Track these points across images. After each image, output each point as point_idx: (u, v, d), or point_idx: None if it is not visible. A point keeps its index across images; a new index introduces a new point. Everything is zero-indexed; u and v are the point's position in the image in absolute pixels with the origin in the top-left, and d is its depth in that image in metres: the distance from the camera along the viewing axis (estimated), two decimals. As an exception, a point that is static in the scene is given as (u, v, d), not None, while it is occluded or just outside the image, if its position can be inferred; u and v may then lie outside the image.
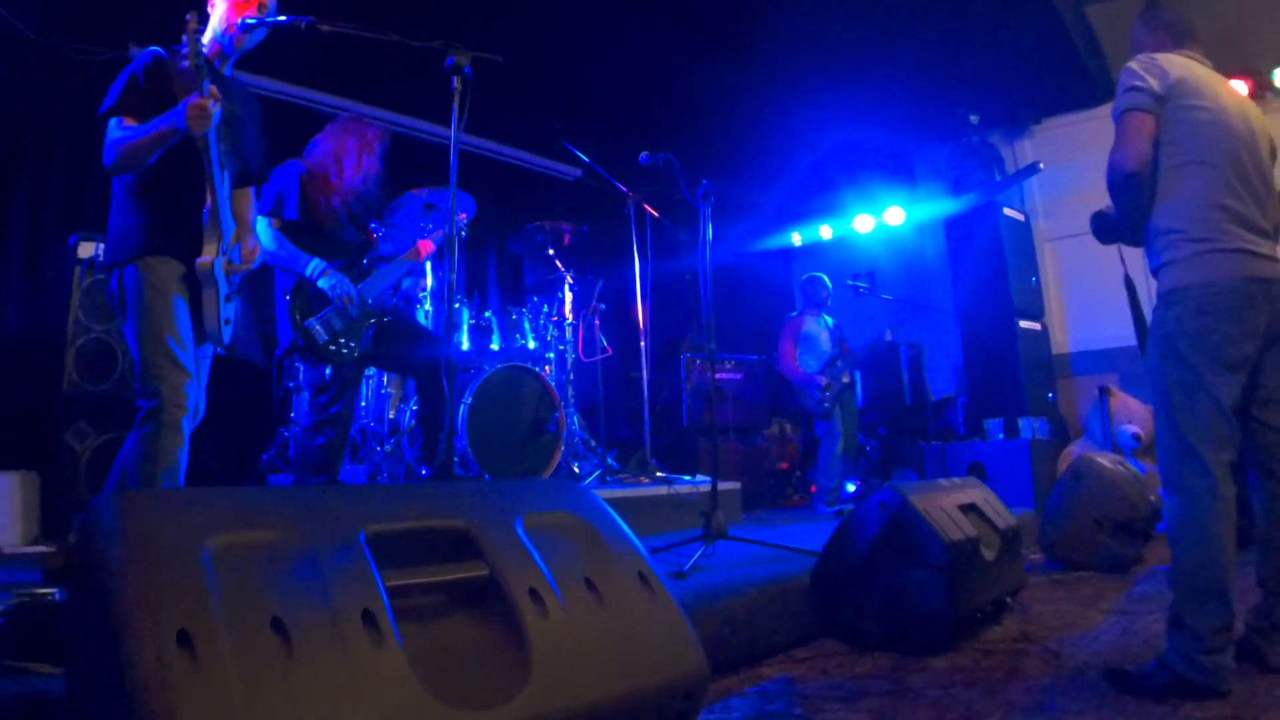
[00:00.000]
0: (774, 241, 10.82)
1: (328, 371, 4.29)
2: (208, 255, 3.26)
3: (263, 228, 4.16)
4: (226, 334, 3.46)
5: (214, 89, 3.07)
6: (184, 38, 3.06)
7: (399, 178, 5.19)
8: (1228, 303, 2.84)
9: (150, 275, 3.20)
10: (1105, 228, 3.36)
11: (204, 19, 3.41)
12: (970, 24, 7.06)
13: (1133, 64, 3.07)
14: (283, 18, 3.40)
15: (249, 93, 3.71)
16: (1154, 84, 2.98)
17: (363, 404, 5.66)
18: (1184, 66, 3.05)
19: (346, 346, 4.23)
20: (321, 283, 4.19)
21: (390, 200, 5.53)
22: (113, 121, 3.18)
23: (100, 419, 5.08)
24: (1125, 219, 3.17)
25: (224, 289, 3.38)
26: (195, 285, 3.27)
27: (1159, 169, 3.00)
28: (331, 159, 4.36)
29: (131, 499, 1.59)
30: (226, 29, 3.41)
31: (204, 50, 3.29)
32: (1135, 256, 3.33)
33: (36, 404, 5.17)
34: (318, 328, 4.17)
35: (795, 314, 7.82)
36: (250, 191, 3.67)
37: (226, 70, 3.52)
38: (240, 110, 3.53)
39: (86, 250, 5.21)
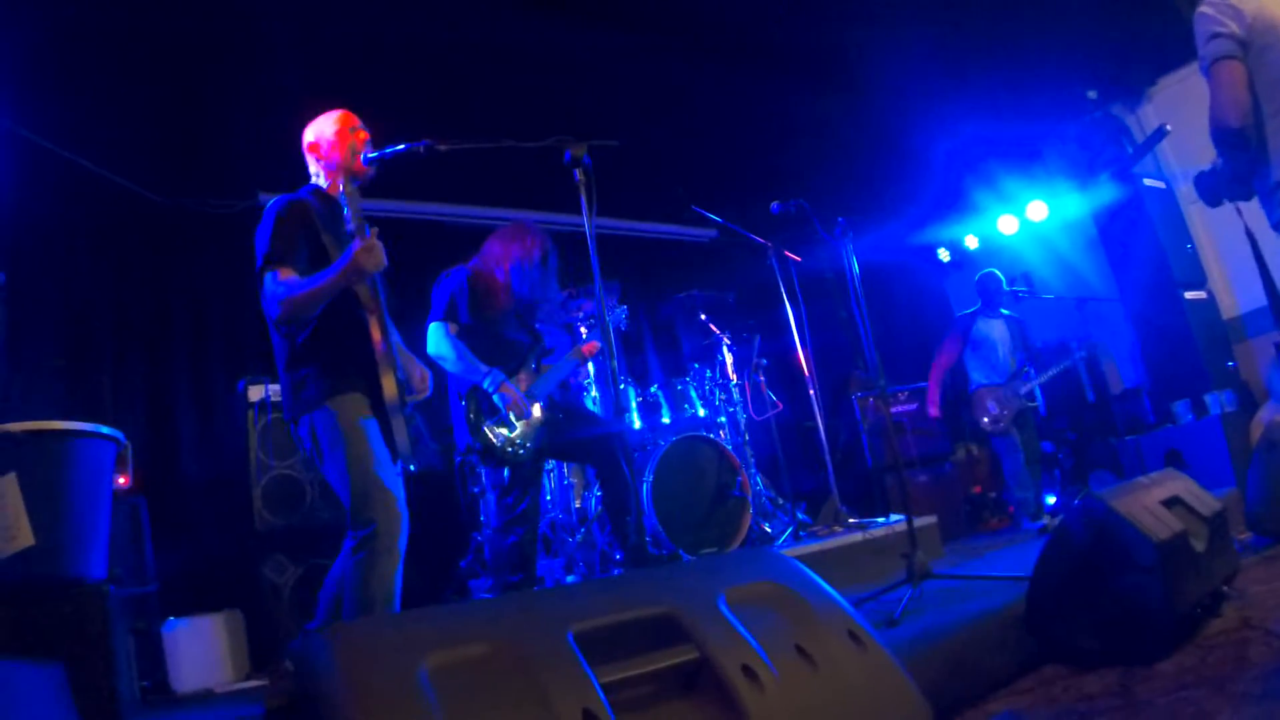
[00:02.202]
0: (922, 258, 10.63)
1: (506, 472, 4.37)
2: (389, 389, 3.31)
3: (438, 333, 4.30)
4: (418, 452, 3.51)
5: (375, 229, 3.18)
6: (342, 199, 3.26)
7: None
8: None
9: (340, 412, 3.25)
10: (1209, 189, 3.19)
11: (310, 165, 3.60)
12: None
13: (1205, 8, 2.92)
14: (402, 146, 3.49)
15: None
16: (1234, 27, 2.82)
17: (548, 497, 5.75)
18: (1255, 2, 2.88)
19: (522, 447, 4.30)
20: (495, 398, 4.28)
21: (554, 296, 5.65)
22: (269, 276, 3.21)
23: (295, 551, 5.29)
24: (1236, 174, 3.00)
25: (406, 412, 3.45)
26: (382, 414, 3.34)
27: (1259, 118, 2.83)
28: (497, 263, 4.49)
29: (342, 629, 1.64)
30: (353, 169, 3.49)
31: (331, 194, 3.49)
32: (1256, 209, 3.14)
33: (231, 544, 5.42)
34: (495, 431, 4.26)
35: (969, 311, 7.60)
36: None
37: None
38: None
39: (256, 393, 5.48)
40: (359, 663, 1.52)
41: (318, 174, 3.60)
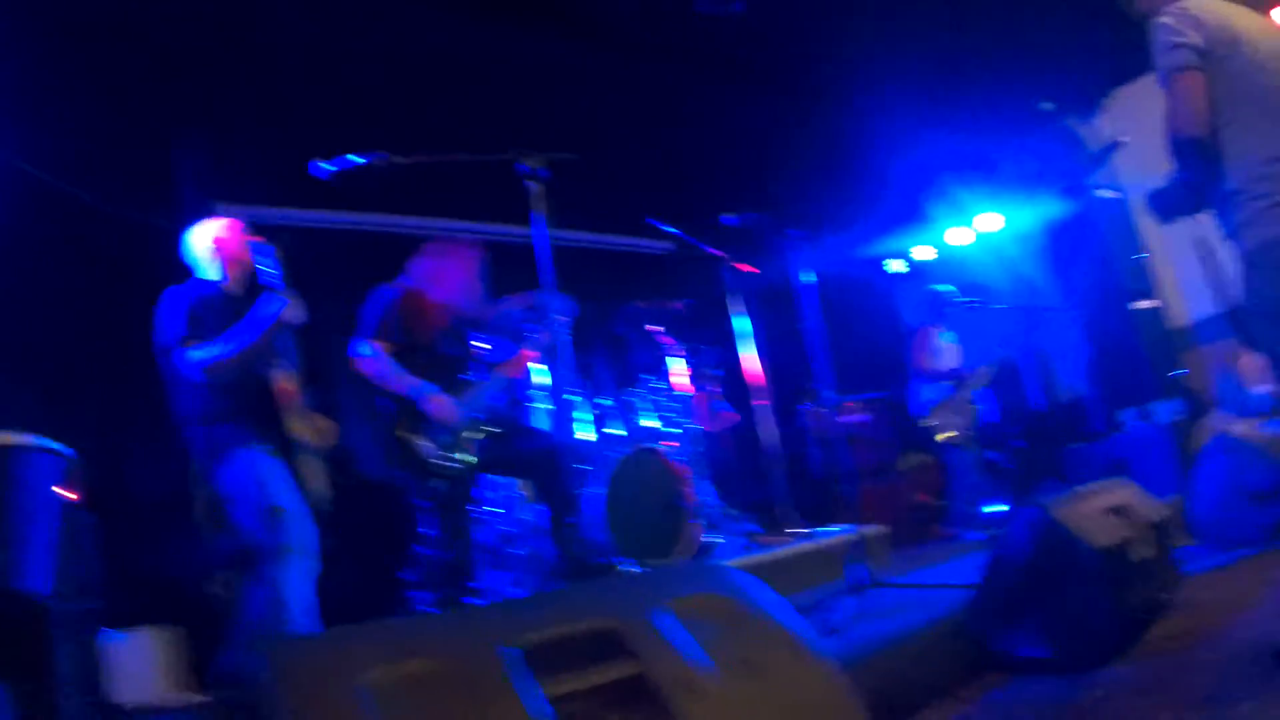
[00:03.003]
0: (874, 270, 10.72)
1: (441, 486, 4.36)
2: (304, 434, 3.71)
3: (367, 351, 4.29)
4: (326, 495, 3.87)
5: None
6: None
7: (496, 284, 5.29)
8: None
9: (245, 459, 3.59)
10: (1163, 206, 3.24)
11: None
12: (1018, 11, 6.99)
13: (1165, 18, 2.92)
14: (360, 159, 3.52)
15: None
16: (1194, 38, 2.84)
17: (496, 510, 5.72)
18: (1216, 12, 2.91)
19: (456, 460, 4.29)
20: (427, 412, 4.27)
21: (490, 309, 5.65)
22: (180, 352, 3.64)
23: (237, 566, 5.23)
24: (1193, 185, 3.04)
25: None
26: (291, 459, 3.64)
27: (1215, 127, 2.85)
28: (430, 280, 4.48)
29: (281, 643, 1.63)
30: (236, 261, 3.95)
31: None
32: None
33: (172, 557, 5.36)
34: (424, 444, 4.24)
35: (922, 326, 7.65)
36: None
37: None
38: None
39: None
40: (298, 678, 1.51)
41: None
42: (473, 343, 4.78)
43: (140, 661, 4.78)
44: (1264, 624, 3.37)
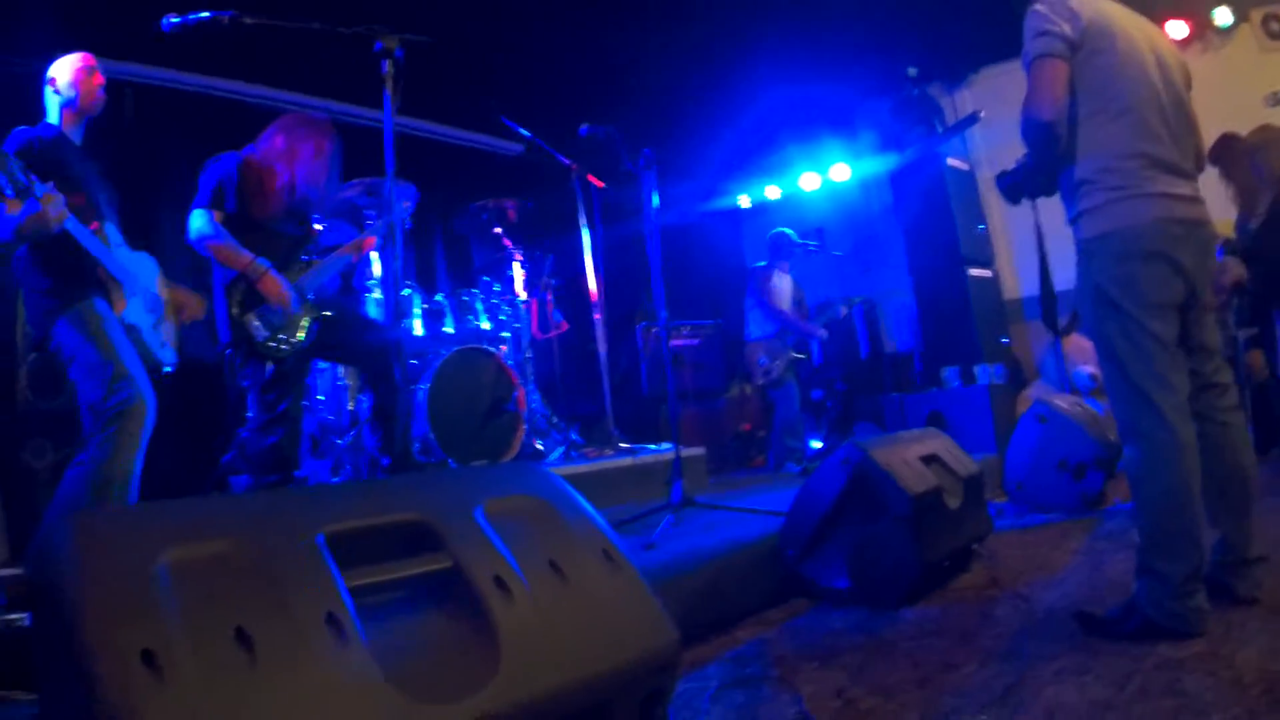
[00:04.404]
0: (722, 203, 10.82)
1: (269, 369, 4.22)
2: (117, 306, 3.56)
3: (200, 219, 4.09)
4: (166, 355, 3.81)
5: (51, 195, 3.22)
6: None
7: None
8: (1150, 245, 2.81)
9: (83, 316, 3.42)
10: (1012, 188, 3.33)
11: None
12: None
13: (1039, 6, 2.95)
14: (205, 13, 3.35)
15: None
16: (1065, 28, 2.87)
17: (320, 397, 5.61)
18: (1095, 7, 2.96)
19: (286, 343, 4.15)
20: (259, 289, 4.10)
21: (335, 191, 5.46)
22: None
23: (57, 436, 5.00)
24: (1041, 169, 3.13)
25: (147, 321, 3.71)
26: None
27: (1075, 118, 2.92)
28: (278, 156, 4.26)
29: (82, 517, 1.56)
30: (80, 96, 3.68)
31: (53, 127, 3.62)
32: (1051, 206, 3.32)
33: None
34: (255, 324, 4.08)
35: (764, 265, 7.74)
36: None
37: (78, 134, 3.75)
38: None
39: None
40: (96, 552, 1.45)
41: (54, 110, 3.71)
42: (310, 223, 4.60)
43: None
44: (1065, 586, 3.52)
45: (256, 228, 4.24)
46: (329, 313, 4.39)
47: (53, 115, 3.67)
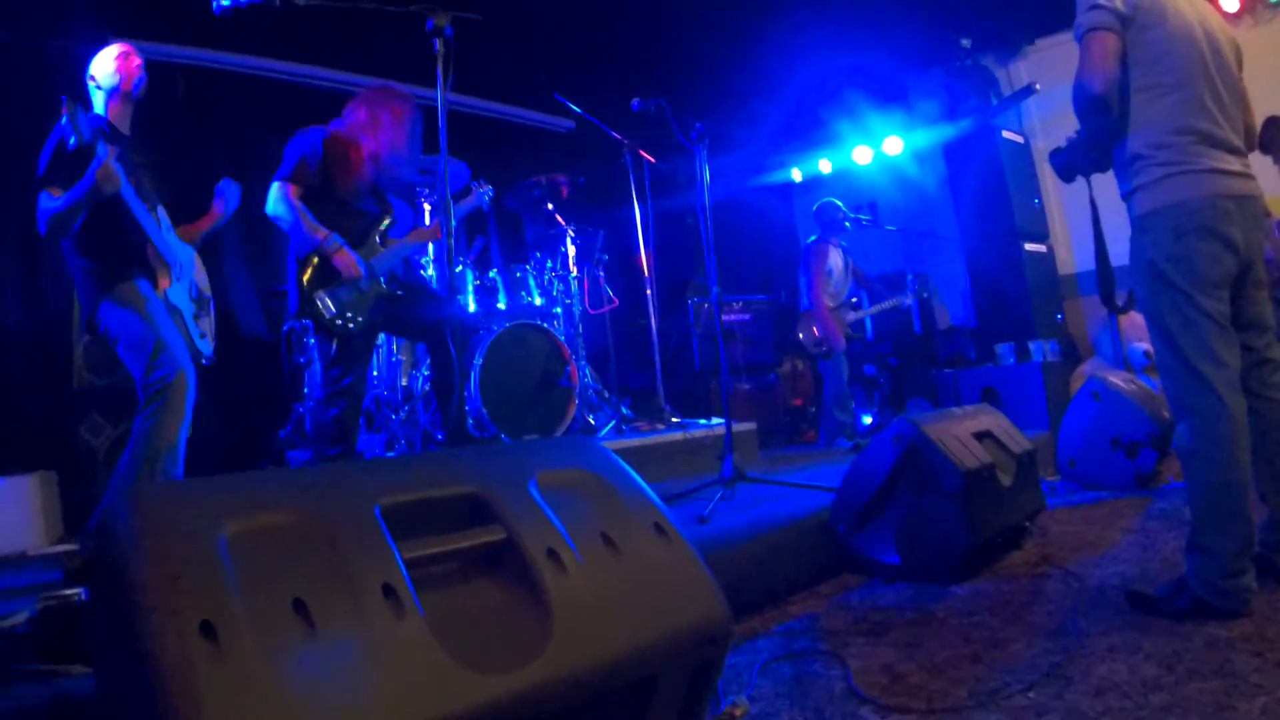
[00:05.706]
0: (773, 178, 10.74)
1: (335, 344, 4.25)
2: (162, 286, 3.64)
3: (278, 193, 4.13)
4: (204, 347, 3.87)
5: (112, 149, 3.30)
6: (65, 117, 3.25)
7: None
8: (1202, 221, 2.80)
9: (125, 295, 3.49)
10: (1066, 162, 3.31)
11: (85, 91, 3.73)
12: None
13: None
14: (258, -6, 3.38)
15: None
16: (1116, 2, 2.87)
17: (375, 373, 5.67)
18: None
19: (353, 321, 4.19)
20: (333, 263, 4.15)
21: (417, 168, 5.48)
22: (42, 194, 3.37)
23: (113, 412, 5.10)
24: (1093, 143, 3.10)
25: (189, 310, 3.79)
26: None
27: (1127, 92, 2.92)
28: (362, 127, 4.30)
29: (142, 490, 1.59)
30: (122, 80, 3.73)
31: (100, 117, 3.66)
32: (1106, 181, 3.28)
33: (47, 402, 5.19)
34: (325, 300, 4.12)
35: (815, 240, 7.70)
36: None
37: (126, 124, 3.80)
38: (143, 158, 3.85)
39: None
40: (156, 525, 1.47)
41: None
42: (389, 203, 4.63)
43: (13, 508, 4.67)
44: (1117, 564, 3.50)
45: (338, 203, 4.28)
46: (398, 290, 4.42)
47: (99, 109, 3.74)
